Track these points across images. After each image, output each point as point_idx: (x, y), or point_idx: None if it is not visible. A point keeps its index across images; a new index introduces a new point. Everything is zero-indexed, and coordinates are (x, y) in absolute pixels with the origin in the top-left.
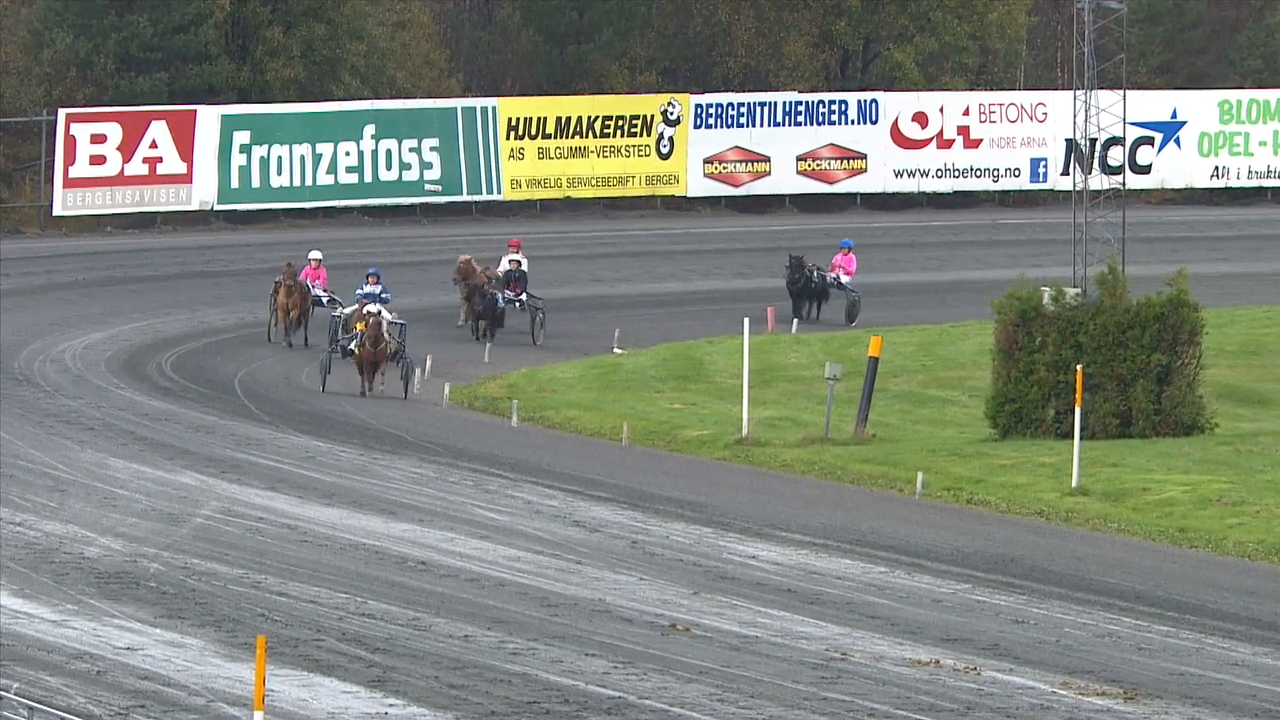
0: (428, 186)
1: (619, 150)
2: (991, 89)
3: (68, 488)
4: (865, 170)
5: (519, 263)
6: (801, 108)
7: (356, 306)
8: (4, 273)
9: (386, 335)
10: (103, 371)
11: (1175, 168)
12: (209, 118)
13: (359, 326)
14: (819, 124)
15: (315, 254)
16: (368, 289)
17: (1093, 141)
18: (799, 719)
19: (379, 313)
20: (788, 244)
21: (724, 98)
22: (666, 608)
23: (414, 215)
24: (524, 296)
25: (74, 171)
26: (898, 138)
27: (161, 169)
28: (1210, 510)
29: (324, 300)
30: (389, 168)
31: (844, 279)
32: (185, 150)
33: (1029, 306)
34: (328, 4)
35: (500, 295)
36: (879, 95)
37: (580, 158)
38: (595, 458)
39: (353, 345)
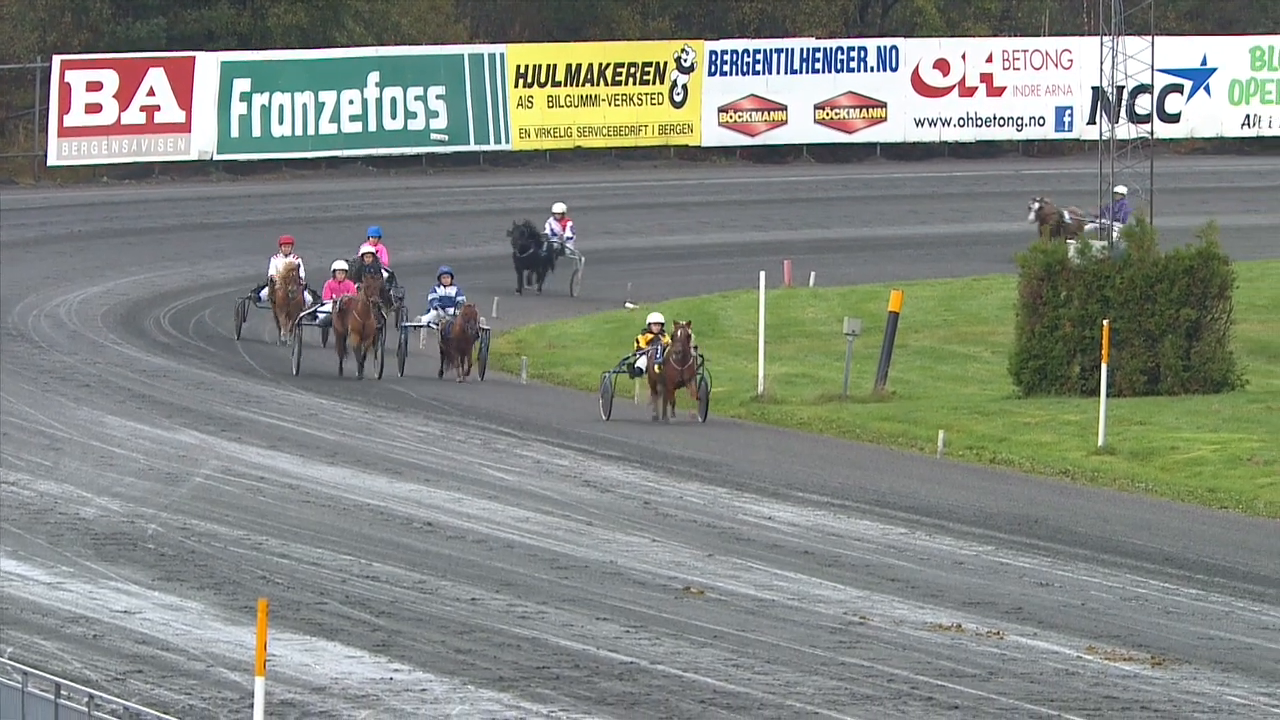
0: (433, 136)
1: (631, 99)
2: (1015, 35)
3: (63, 446)
4: (885, 119)
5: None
6: (819, 54)
7: (436, 313)
8: None
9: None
10: (99, 326)
11: (1205, 116)
12: (208, 65)
13: (643, 341)
14: (837, 71)
15: (340, 264)
16: (442, 291)
17: (1119, 89)
18: (816, 684)
19: (689, 324)
20: (805, 195)
21: (739, 44)
22: (680, 570)
23: (419, 165)
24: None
25: (69, 120)
26: (919, 85)
27: (159, 118)
28: (1240, 470)
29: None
30: (394, 116)
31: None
32: (184, 98)
33: (1054, 260)
34: None
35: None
36: (899, 41)
37: (591, 106)
38: None
39: (640, 363)
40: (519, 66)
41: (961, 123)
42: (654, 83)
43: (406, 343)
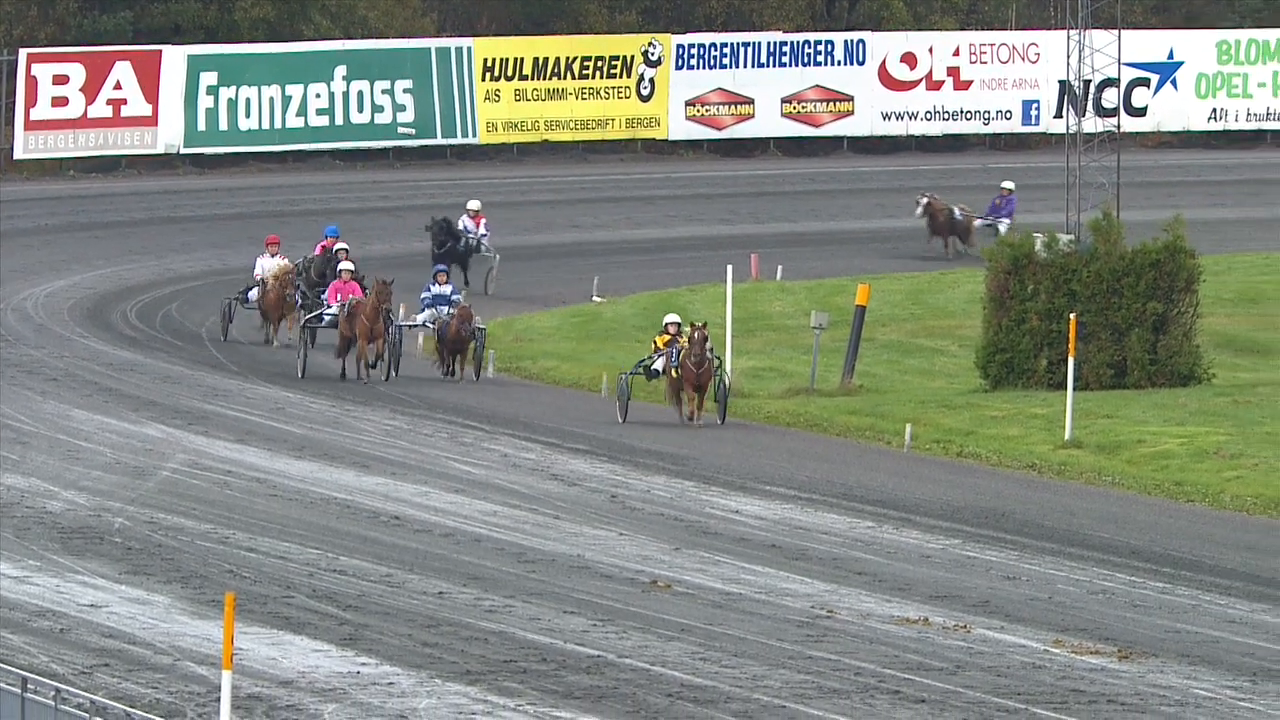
0: (401, 129)
1: (598, 92)
2: (982, 29)
3: (30, 440)
4: (852, 113)
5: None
6: (786, 48)
7: (431, 312)
8: None
9: (710, 354)
10: (66, 320)
11: (1172, 110)
12: (175, 58)
13: (660, 342)
14: (804, 65)
15: (347, 265)
16: (436, 290)
17: (1086, 83)
18: (783, 678)
19: (705, 326)
20: (772, 189)
21: (706, 38)
22: (647, 564)
23: (386, 159)
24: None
25: (35, 113)
26: (886, 79)
27: (126, 111)
28: (1207, 463)
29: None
30: (360, 110)
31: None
32: (150, 92)
33: (1021, 253)
34: None
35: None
36: (866, 35)
37: (558, 100)
38: (574, 409)
39: (657, 364)
40: (486, 60)
41: (928, 116)
42: (621, 76)
43: (401, 343)
